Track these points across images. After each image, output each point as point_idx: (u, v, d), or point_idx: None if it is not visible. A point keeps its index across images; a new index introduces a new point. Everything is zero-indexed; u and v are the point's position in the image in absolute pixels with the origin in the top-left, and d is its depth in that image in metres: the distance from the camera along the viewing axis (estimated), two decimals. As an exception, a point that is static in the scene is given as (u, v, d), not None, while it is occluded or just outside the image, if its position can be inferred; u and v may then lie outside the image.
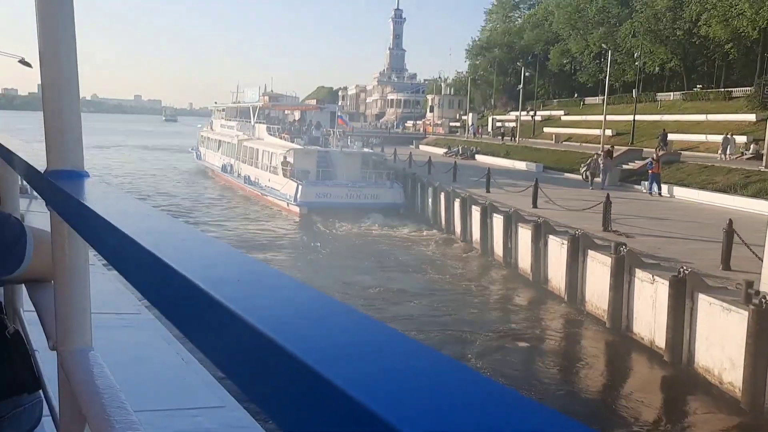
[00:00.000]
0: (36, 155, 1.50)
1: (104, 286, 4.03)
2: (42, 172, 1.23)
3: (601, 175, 28.92)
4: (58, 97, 1.22)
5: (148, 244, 0.66)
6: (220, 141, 48.47)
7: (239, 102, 50.68)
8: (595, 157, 30.30)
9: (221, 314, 0.47)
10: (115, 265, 0.77)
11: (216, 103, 60.71)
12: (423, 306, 16.31)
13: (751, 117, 39.12)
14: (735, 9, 46.08)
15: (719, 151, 34.04)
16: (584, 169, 30.97)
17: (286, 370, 0.38)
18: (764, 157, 27.14)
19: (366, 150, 36.09)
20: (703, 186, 25.66)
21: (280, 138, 36.86)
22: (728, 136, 34.63)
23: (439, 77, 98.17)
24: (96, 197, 0.98)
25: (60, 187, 1.06)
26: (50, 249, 1.24)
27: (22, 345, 1.54)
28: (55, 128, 1.22)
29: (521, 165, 39.31)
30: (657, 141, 35.67)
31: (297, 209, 29.53)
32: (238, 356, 0.45)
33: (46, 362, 1.51)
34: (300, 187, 29.65)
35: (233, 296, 0.48)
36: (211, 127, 55.37)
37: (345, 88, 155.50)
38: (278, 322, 0.43)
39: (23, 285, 1.69)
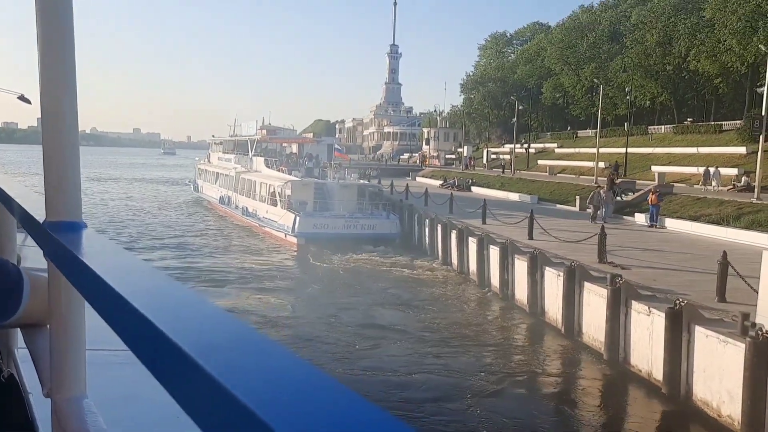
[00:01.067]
0: (34, 202, 1.52)
1: (98, 321, 4.02)
2: (41, 222, 1.25)
3: (603, 208, 28.10)
4: (59, 149, 1.23)
5: (141, 305, 0.67)
6: (217, 173, 49.04)
7: (236, 135, 51.42)
8: (597, 189, 29.53)
9: (208, 383, 0.48)
10: (109, 323, 0.79)
11: (213, 136, 61.39)
12: (420, 340, 16.19)
13: (742, 150, 39.54)
14: (723, 45, 46.93)
15: (700, 182, 34.59)
16: (587, 202, 29.78)
17: None
18: (755, 190, 27.39)
19: (362, 181, 36.46)
20: (696, 217, 25.79)
21: (278, 170, 37.39)
22: (709, 168, 35.19)
23: (435, 110, 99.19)
24: (93, 251, 1.00)
25: (58, 239, 1.07)
26: (46, 294, 1.25)
27: (16, 389, 1.55)
28: (54, 179, 1.23)
29: (516, 197, 39.50)
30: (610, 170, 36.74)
31: (295, 240, 29.79)
32: (220, 424, 0.46)
33: (40, 405, 1.51)
34: (298, 218, 29.93)
35: (220, 364, 0.49)
36: (209, 160, 56.11)
37: (342, 121, 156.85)
38: (262, 395, 0.44)
39: (18, 328, 1.70)
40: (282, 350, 0.55)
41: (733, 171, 36.34)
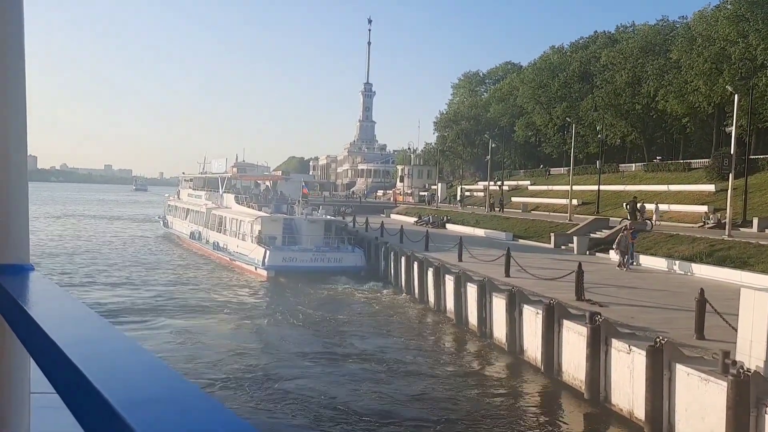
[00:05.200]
0: None
1: None
2: None
3: (629, 252, 25.13)
4: (5, 192, 1.19)
5: (75, 355, 0.68)
6: (188, 209, 49.69)
7: (206, 172, 52.36)
8: (625, 232, 25.92)
9: None
10: (44, 371, 0.79)
11: (183, 173, 62.13)
12: (397, 385, 15.85)
13: (711, 187, 40.41)
14: (690, 85, 48.37)
15: (638, 218, 34.66)
16: (614, 247, 26.21)
17: None
18: (726, 227, 27.84)
19: (328, 217, 37.36)
20: (669, 254, 26.05)
21: (248, 206, 38.42)
22: (645, 204, 35.69)
23: (409, 148, 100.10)
24: (36, 297, 0.99)
25: (2, 284, 1.04)
26: None
27: None
28: (1, 222, 1.20)
29: (491, 234, 39.65)
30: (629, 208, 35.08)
31: (265, 273, 31.02)
32: None
33: None
34: (267, 252, 31.24)
35: (146, 419, 0.49)
36: (178, 197, 56.58)
37: (316, 158, 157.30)
38: None
39: None
40: (210, 403, 0.55)
41: (703, 208, 37.02)
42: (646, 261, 26.23)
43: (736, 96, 28.92)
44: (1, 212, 1.19)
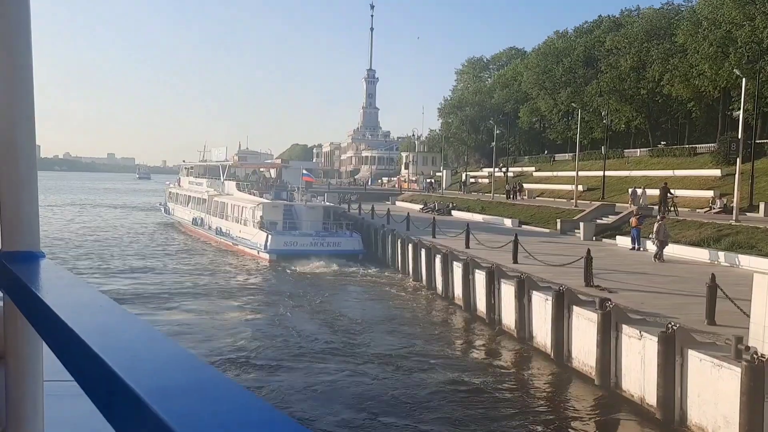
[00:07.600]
0: None
1: None
2: None
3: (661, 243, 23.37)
4: (15, 179, 1.22)
5: (95, 342, 0.66)
6: (189, 197, 50.49)
7: (207, 160, 52.86)
8: (662, 221, 24.11)
9: (160, 428, 0.46)
10: (62, 360, 0.78)
11: (184, 161, 62.89)
12: (405, 372, 15.91)
13: (717, 172, 40.26)
14: (695, 69, 47.98)
15: (629, 203, 34.29)
16: (653, 236, 23.92)
17: None
18: (734, 211, 27.75)
19: (327, 203, 38.30)
20: (676, 240, 25.99)
21: (250, 193, 39.45)
22: (636, 189, 35.53)
23: (413, 135, 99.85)
24: (49, 284, 0.99)
25: (14, 271, 1.06)
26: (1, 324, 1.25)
27: None
28: (11, 209, 1.22)
29: (497, 220, 39.64)
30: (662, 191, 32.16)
31: (267, 256, 32.45)
32: None
33: None
34: (269, 236, 32.57)
35: (175, 409, 0.47)
36: (179, 184, 57.13)
37: (320, 146, 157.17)
38: None
39: None
40: (240, 391, 0.53)
41: (709, 193, 36.91)
42: (654, 246, 26.12)
43: (743, 80, 28.71)
44: (11, 200, 1.21)
